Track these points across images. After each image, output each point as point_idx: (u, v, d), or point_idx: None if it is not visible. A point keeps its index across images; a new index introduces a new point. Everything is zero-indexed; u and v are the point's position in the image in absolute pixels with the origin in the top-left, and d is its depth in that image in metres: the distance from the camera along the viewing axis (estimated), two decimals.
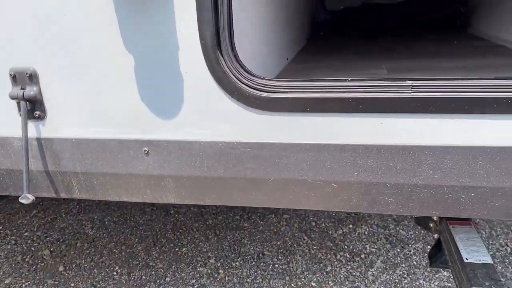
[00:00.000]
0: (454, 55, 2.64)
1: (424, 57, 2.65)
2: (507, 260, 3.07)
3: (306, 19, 4.13)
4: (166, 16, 1.34)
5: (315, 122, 1.35)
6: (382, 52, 2.95)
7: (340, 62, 2.62)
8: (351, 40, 3.74)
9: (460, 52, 2.75)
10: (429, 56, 2.66)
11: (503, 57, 2.53)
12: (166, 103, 1.44)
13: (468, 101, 1.25)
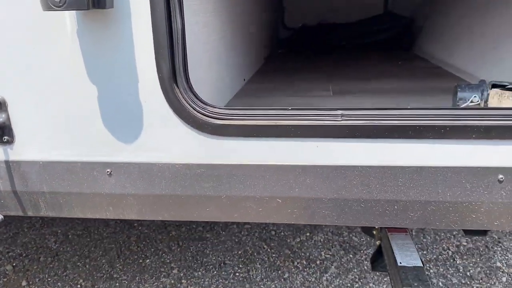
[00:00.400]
0: (394, 77, 2.91)
1: (368, 78, 2.90)
2: (448, 262, 3.35)
3: (266, 37, 4.36)
4: (126, 51, 1.50)
5: (260, 145, 1.54)
6: (332, 72, 3.20)
7: (292, 83, 2.84)
8: (306, 58, 3.98)
9: (401, 74, 3.03)
10: (373, 78, 2.92)
11: (438, 79, 2.81)
12: (127, 128, 1.59)
13: (387, 128, 1.47)
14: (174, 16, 1.46)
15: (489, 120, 1.44)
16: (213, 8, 2.13)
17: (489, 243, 3.53)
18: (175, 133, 1.57)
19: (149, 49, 1.48)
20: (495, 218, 1.53)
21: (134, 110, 1.56)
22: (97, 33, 1.49)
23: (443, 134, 1.46)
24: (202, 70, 1.94)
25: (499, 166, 1.47)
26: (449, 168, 1.49)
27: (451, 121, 1.45)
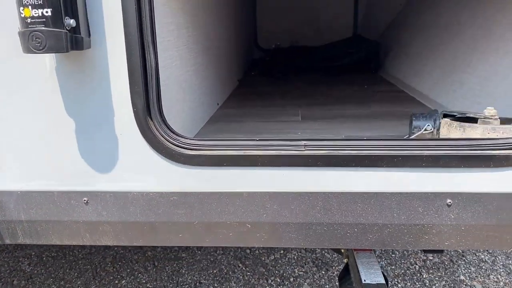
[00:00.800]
0: (360, 102, 3.08)
1: (335, 103, 3.06)
2: (415, 277, 3.50)
3: (239, 60, 4.50)
4: (103, 88, 1.59)
5: (230, 174, 1.65)
6: (301, 96, 3.34)
7: (263, 108, 2.97)
8: (277, 81, 4.13)
9: (366, 98, 3.20)
10: (340, 102, 3.07)
11: (400, 105, 2.99)
12: (104, 159, 1.68)
13: (346, 158, 1.60)
14: (148, 54, 1.57)
15: (437, 150, 1.59)
16: (186, 41, 2.24)
17: (454, 257, 3.70)
18: (149, 163, 1.66)
19: (125, 85, 1.58)
20: (446, 238, 1.67)
21: (110, 142, 1.65)
22: (75, 72, 1.58)
23: (396, 163, 1.60)
24: (176, 101, 2.05)
25: (447, 191, 1.62)
26: (402, 194, 1.63)
27: (402, 151, 1.59)
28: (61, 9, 1.37)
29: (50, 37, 1.35)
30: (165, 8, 1.93)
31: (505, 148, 1.56)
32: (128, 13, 1.51)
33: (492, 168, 1.58)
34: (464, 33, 2.99)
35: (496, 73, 2.45)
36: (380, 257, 3.84)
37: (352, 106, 2.96)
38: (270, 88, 3.84)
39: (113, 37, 1.54)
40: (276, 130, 2.45)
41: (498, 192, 1.60)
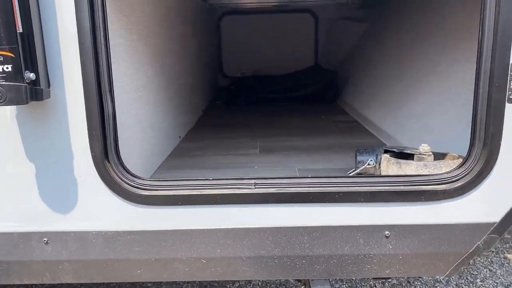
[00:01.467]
0: (316, 133, 3.25)
1: (292, 134, 3.22)
2: None
3: (204, 90, 4.63)
4: (63, 134, 1.68)
5: (185, 212, 1.76)
6: (261, 127, 3.49)
7: (223, 140, 3.10)
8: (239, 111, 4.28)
9: (322, 129, 3.38)
10: (297, 134, 3.24)
11: (351, 136, 3.17)
12: (63, 201, 1.75)
13: (292, 195, 1.73)
14: (105, 101, 1.67)
15: (373, 186, 1.74)
16: (145, 82, 2.36)
17: (411, 279, 3.87)
18: (107, 203, 1.75)
19: (83, 131, 1.68)
20: (386, 267, 1.82)
21: (70, 185, 1.73)
22: (36, 119, 1.67)
23: (338, 199, 1.74)
24: (135, 140, 2.15)
25: (385, 224, 1.77)
26: (345, 227, 1.77)
27: (343, 188, 1.74)
28: (21, 64, 1.46)
29: (10, 90, 1.44)
30: (125, 54, 2.05)
31: (434, 183, 1.73)
32: (86, 64, 1.61)
33: (424, 201, 1.74)
34: (410, 68, 3.23)
35: (438, 106, 2.67)
36: (342, 281, 3.97)
37: (308, 137, 3.12)
38: (233, 118, 3.98)
39: (71, 87, 1.64)
40: (234, 164, 2.57)
41: (430, 224, 1.76)
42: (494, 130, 1.67)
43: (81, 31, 1.59)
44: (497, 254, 4.08)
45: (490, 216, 1.75)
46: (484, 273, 3.76)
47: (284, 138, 3.14)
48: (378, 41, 4.26)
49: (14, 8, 1.44)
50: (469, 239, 1.77)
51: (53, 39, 1.60)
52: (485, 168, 1.70)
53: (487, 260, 3.96)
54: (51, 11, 1.58)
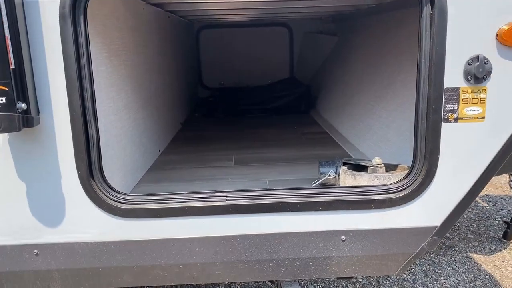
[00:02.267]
0: (288, 145, 3.48)
1: (265, 146, 3.45)
2: None
3: (183, 103, 4.83)
4: (52, 156, 1.87)
5: (163, 224, 1.96)
6: (237, 139, 3.72)
7: (200, 153, 3.31)
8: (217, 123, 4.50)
9: (293, 141, 3.62)
10: (270, 145, 3.47)
11: (321, 147, 3.41)
12: (52, 215, 1.94)
13: (259, 206, 1.96)
14: (90, 126, 1.87)
15: (330, 196, 1.98)
16: (125, 102, 2.56)
17: (380, 278, 4.13)
18: (92, 217, 1.94)
19: (70, 153, 1.87)
20: (344, 268, 2.05)
21: (58, 201, 1.92)
22: (27, 142, 1.85)
23: (299, 208, 1.97)
24: (117, 158, 2.34)
25: (341, 229, 2.01)
26: (306, 233, 2.00)
27: (304, 198, 1.97)
28: (14, 96, 1.66)
29: (5, 120, 1.63)
30: (106, 80, 2.25)
31: (382, 193, 1.97)
32: (72, 94, 1.81)
33: (374, 209, 1.98)
34: (372, 82, 3.50)
35: (393, 121, 2.93)
36: (316, 281, 4.21)
37: (280, 149, 3.35)
38: (210, 131, 4.18)
39: (59, 114, 1.83)
40: (210, 176, 2.78)
41: (380, 229, 2.00)
42: (432, 146, 1.92)
43: (67, 64, 1.79)
44: (460, 253, 4.38)
45: (432, 221, 2.00)
46: (448, 271, 4.05)
47: (258, 150, 3.36)
48: (347, 55, 4.53)
49: (8, 47, 1.63)
50: (414, 241, 2.02)
51: (42, 71, 1.79)
52: (426, 179, 1.95)
53: (450, 259, 4.25)
54: (40, 47, 1.78)
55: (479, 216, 5.13)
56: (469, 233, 4.70)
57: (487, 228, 4.80)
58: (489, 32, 1.84)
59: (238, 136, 3.86)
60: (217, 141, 3.72)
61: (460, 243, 4.54)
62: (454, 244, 4.50)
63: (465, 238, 4.60)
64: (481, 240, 4.54)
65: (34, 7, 1.75)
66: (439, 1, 1.80)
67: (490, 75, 1.86)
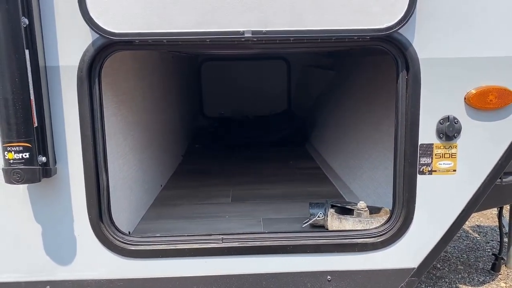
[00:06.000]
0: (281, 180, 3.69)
1: (261, 182, 3.66)
2: None
3: (184, 134, 5.06)
4: (66, 201, 2.08)
5: (164, 263, 2.16)
6: (234, 174, 3.93)
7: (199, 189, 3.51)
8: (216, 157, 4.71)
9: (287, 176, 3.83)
10: (265, 182, 3.67)
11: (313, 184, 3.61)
12: (64, 254, 2.14)
13: (253, 248, 2.16)
14: (101, 176, 2.09)
15: (317, 240, 2.18)
16: (131, 146, 2.78)
17: None
18: (100, 257, 2.14)
19: (82, 199, 2.08)
20: None
21: (70, 241, 2.12)
22: (43, 189, 2.07)
23: (289, 250, 2.17)
24: (123, 198, 2.55)
25: (327, 270, 2.20)
26: (295, 273, 2.20)
27: (293, 241, 2.18)
28: (35, 151, 1.88)
29: (27, 173, 1.85)
30: (115, 129, 2.47)
31: (364, 237, 2.18)
32: (86, 149, 2.03)
33: (357, 252, 2.18)
34: (363, 122, 3.71)
35: (381, 163, 3.14)
36: None
37: (275, 185, 3.56)
38: (208, 164, 4.39)
39: (74, 165, 2.05)
40: (209, 214, 2.98)
41: (362, 269, 2.20)
42: (409, 196, 2.13)
43: (83, 122, 2.01)
44: (450, 284, 4.53)
45: (409, 263, 2.20)
46: None
47: (254, 186, 3.56)
48: (341, 90, 4.74)
49: (32, 109, 1.86)
50: (394, 281, 2.21)
51: (60, 127, 2.02)
52: (403, 225, 2.15)
53: None
54: (59, 106, 2.01)
55: (470, 247, 5.29)
56: (459, 264, 4.85)
57: (477, 259, 4.95)
58: (459, 96, 2.07)
59: (235, 171, 4.07)
60: (216, 176, 3.93)
61: (450, 274, 4.69)
62: (444, 275, 4.65)
63: (455, 269, 4.75)
64: (471, 271, 4.69)
65: (55, 71, 1.98)
66: (413, 67, 2.03)
67: (460, 133, 2.08)
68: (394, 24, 1.94)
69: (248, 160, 4.51)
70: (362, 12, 1.94)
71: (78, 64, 1.97)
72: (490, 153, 2.12)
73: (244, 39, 1.95)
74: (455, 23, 2.01)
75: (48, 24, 1.94)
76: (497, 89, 2.04)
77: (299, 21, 1.94)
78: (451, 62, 2.04)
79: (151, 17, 1.90)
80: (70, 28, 1.94)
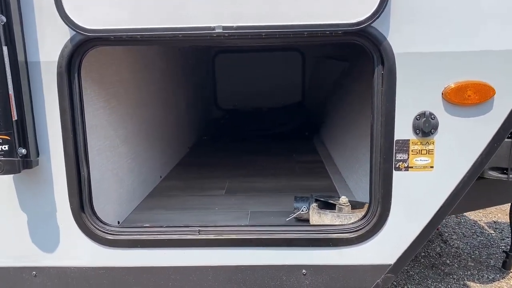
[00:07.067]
0: (279, 174, 3.70)
1: (259, 175, 3.68)
2: None
3: (195, 125, 5.12)
4: (48, 192, 2.17)
5: (142, 253, 2.23)
6: (235, 167, 3.97)
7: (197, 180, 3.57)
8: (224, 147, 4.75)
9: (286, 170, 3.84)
10: (262, 175, 3.70)
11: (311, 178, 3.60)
12: (49, 242, 2.24)
13: (229, 240, 2.19)
14: (81, 168, 2.17)
15: (293, 234, 2.20)
16: (123, 139, 2.86)
17: None
18: (82, 245, 2.23)
19: (64, 189, 2.17)
20: None
21: (54, 230, 2.22)
22: (27, 180, 2.16)
23: (265, 243, 2.20)
24: (112, 190, 2.64)
25: (302, 264, 2.21)
26: (271, 266, 2.22)
27: (269, 235, 2.20)
28: (15, 144, 1.97)
29: (7, 164, 1.95)
30: (104, 121, 2.55)
31: (339, 232, 2.17)
32: (67, 140, 2.11)
33: (332, 247, 2.18)
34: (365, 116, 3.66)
35: None
36: None
37: (271, 178, 3.58)
38: (212, 156, 4.45)
39: (56, 157, 2.13)
40: (200, 205, 3.03)
41: (337, 264, 2.20)
42: (385, 192, 2.11)
43: (63, 116, 2.09)
44: (458, 280, 4.45)
45: (386, 259, 2.19)
46: None
47: (250, 179, 3.59)
48: (350, 82, 4.68)
49: (11, 103, 1.95)
50: (370, 277, 2.20)
51: (42, 121, 2.10)
52: (379, 221, 2.14)
53: (447, 286, 4.33)
54: (41, 101, 2.09)
55: (483, 244, 5.15)
56: (469, 261, 4.74)
57: (489, 256, 4.82)
58: (436, 91, 2.02)
59: (235, 163, 4.11)
60: (215, 168, 3.98)
61: (459, 271, 4.59)
62: (452, 272, 4.56)
63: (465, 266, 4.65)
64: (481, 268, 4.58)
65: (36, 67, 2.06)
66: (388, 62, 2.00)
67: (437, 129, 2.04)
68: (366, 18, 1.91)
69: (251, 152, 4.54)
70: (335, 7, 1.92)
71: (57, 60, 2.04)
72: (469, 149, 2.06)
73: (215, 35, 1.96)
74: (431, 16, 1.96)
75: (28, 22, 2.02)
76: (475, 84, 1.99)
77: (270, 16, 1.94)
78: (428, 56, 1.99)
79: (124, 13, 1.94)
80: (50, 25, 2.01)
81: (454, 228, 5.53)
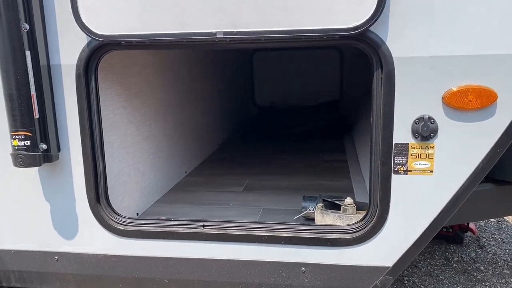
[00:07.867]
0: (300, 173, 3.75)
1: (280, 173, 3.75)
2: None
3: (227, 121, 5.26)
4: (68, 183, 2.37)
5: (152, 244, 2.38)
6: (258, 164, 4.05)
7: (220, 176, 3.69)
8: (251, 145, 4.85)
9: (308, 169, 3.87)
10: (283, 173, 3.76)
11: (331, 178, 3.62)
12: (68, 230, 2.44)
13: (231, 236, 2.29)
14: (98, 162, 2.35)
15: (293, 232, 2.26)
16: (145, 136, 3.03)
17: None
18: (98, 234, 2.41)
19: (82, 181, 2.36)
20: None
21: (73, 219, 2.42)
22: (50, 173, 2.38)
23: (265, 240, 2.28)
24: (131, 183, 2.81)
25: (302, 262, 2.27)
26: (272, 262, 2.30)
27: (270, 232, 2.27)
28: (36, 140, 2.17)
29: (29, 158, 2.15)
30: (125, 119, 2.73)
31: (338, 233, 2.21)
32: (84, 137, 2.29)
33: (330, 246, 2.23)
34: None
35: None
36: None
37: (291, 177, 3.63)
38: (239, 154, 4.56)
39: (74, 152, 2.33)
40: (217, 201, 3.15)
41: (336, 264, 2.24)
42: (383, 194, 2.12)
43: (81, 115, 2.27)
44: None
45: (384, 261, 2.20)
46: None
47: (270, 177, 3.67)
48: None
49: (33, 102, 2.15)
50: (368, 279, 2.22)
51: (63, 119, 2.30)
52: (377, 223, 2.15)
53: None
54: (61, 101, 2.28)
55: None
56: (505, 268, 4.56)
57: None
58: (436, 95, 2.01)
59: (260, 161, 4.19)
60: (238, 165, 4.09)
61: (493, 278, 4.43)
62: (485, 278, 4.40)
63: (500, 273, 4.47)
64: None
65: (58, 69, 2.26)
66: (387, 66, 2.01)
67: (437, 134, 2.03)
68: (363, 23, 1.93)
69: (279, 150, 4.61)
70: (332, 11, 1.96)
71: (76, 63, 2.22)
72: (470, 155, 2.03)
73: (217, 40, 2.06)
74: (431, 20, 1.95)
75: (51, 28, 2.21)
76: (477, 88, 1.95)
77: (269, 21, 2.01)
78: (427, 60, 1.98)
79: (134, 21, 2.09)
80: (69, 31, 2.20)
81: (494, 233, 5.31)
